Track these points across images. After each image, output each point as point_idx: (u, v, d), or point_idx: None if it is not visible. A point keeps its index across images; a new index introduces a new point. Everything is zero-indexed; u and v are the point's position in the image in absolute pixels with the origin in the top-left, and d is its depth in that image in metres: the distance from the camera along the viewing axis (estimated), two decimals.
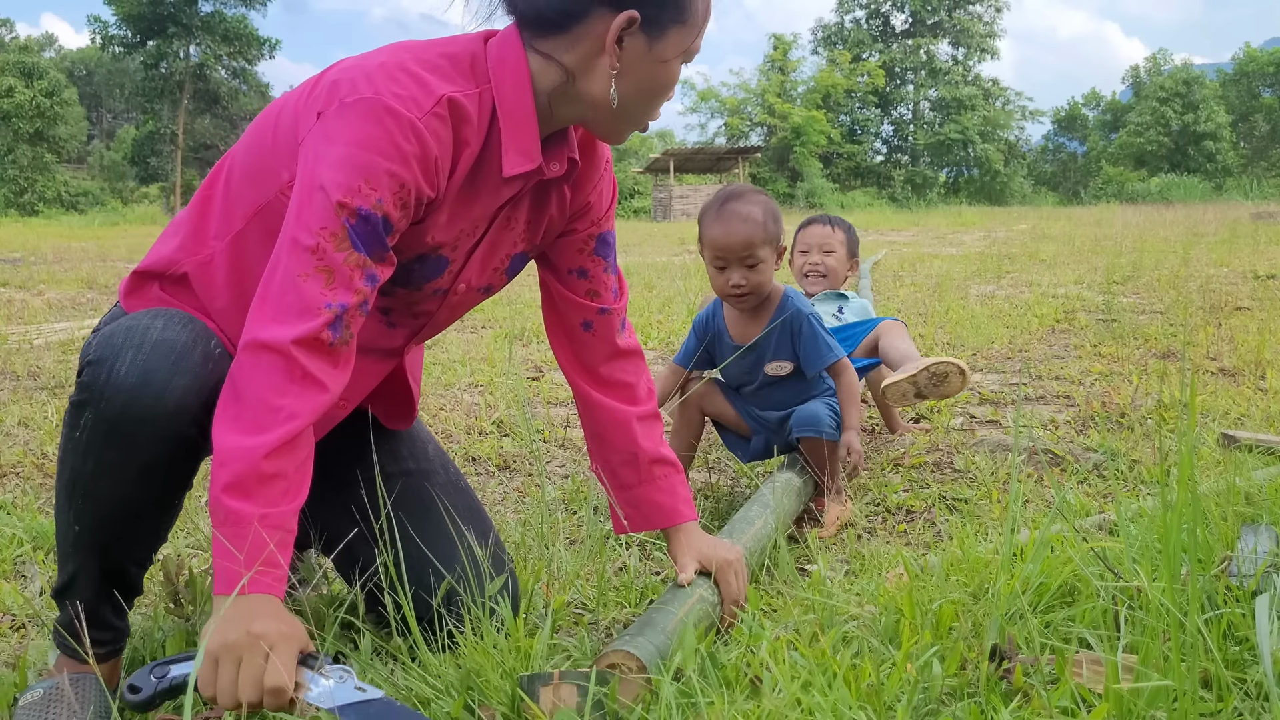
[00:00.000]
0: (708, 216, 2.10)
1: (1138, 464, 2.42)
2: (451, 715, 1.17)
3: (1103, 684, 1.05)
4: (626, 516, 1.53)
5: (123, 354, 1.15)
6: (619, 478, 1.53)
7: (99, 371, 1.15)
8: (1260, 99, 48.26)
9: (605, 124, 1.28)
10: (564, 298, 1.47)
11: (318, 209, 1.12)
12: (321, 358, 1.12)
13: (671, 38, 1.22)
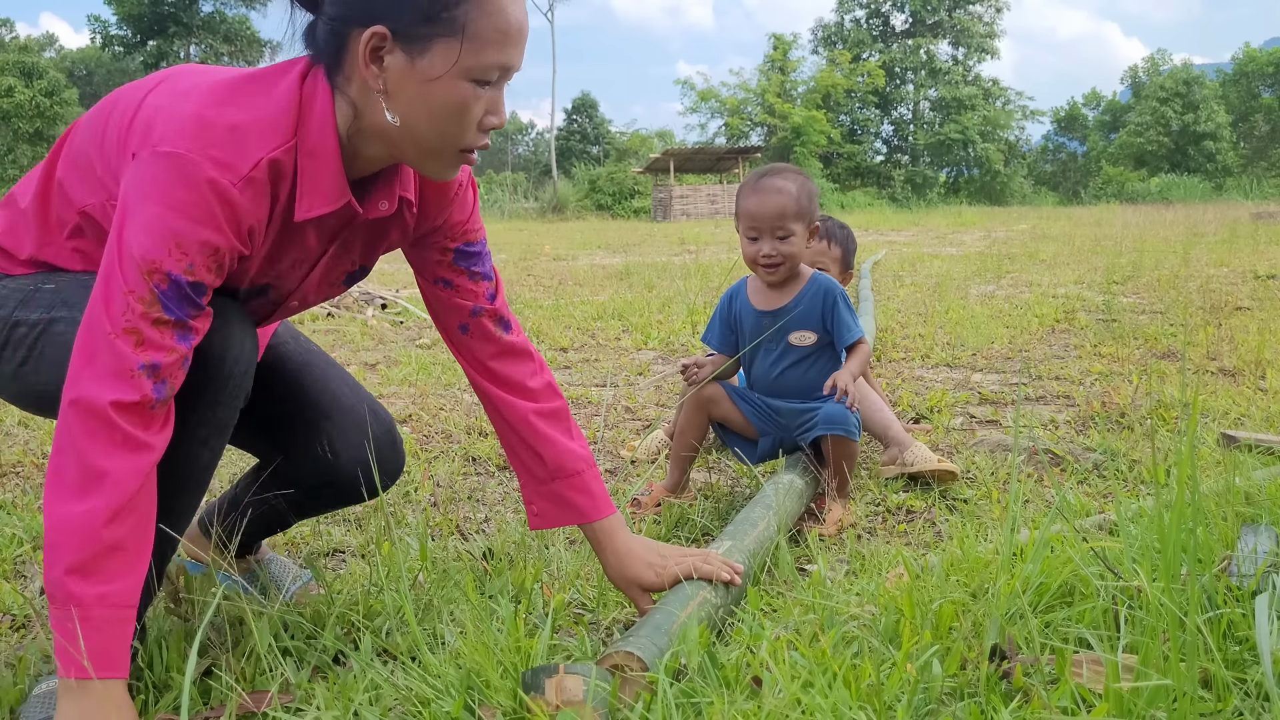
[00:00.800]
0: (745, 189, 2.15)
1: (1138, 464, 2.42)
2: (451, 715, 1.17)
3: (1103, 684, 1.05)
4: (540, 512, 1.53)
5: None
6: (530, 472, 1.52)
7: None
8: (1260, 99, 48.25)
9: (411, 157, 1.23)
10: (435, 300, 1.47)
11: (128, 272, 1.10)
12: (142, 419, 1.10)
13: (437, 52, 1.13)
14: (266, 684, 1.30)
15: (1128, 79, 53.88)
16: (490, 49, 1.15)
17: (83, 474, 1.07)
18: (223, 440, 1.26)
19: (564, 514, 1.51)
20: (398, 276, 8.62)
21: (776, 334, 2.19)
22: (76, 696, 1.06)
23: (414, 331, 5.31)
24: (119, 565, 1.08)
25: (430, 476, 2.45)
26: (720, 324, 2.28)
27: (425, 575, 1.67)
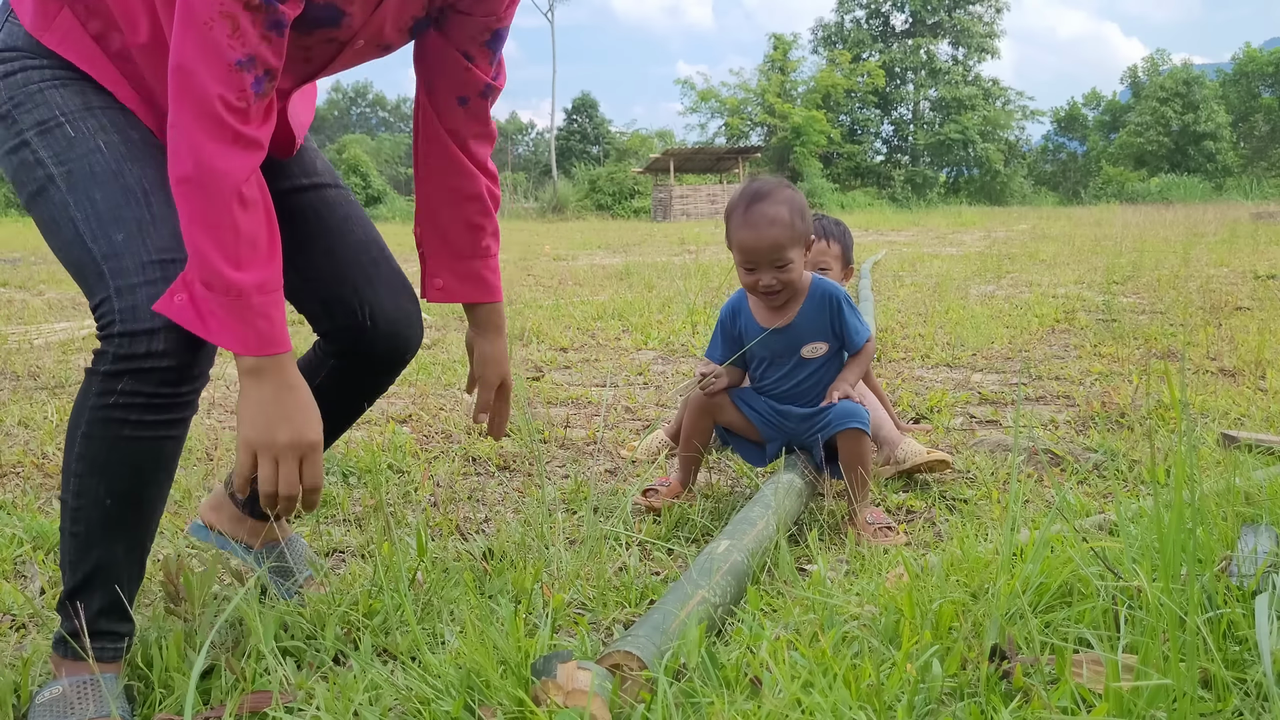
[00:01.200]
0: (735, 218, 2.08)
1: (1138, 464, 2.42)
2: (451, 715, 1.17)
3: (1103, 684, 1.05)
4: (445, 287, 1.57)
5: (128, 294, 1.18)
6: (453, 246, 1.57)
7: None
8: (1260, 99, 48.25)
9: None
10: (445, 69, 1.49)
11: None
12: (245, 116, 1.15)
13: None
14: (266, 684, 1.30)
15: (1127, 79, 53.87)
16: None
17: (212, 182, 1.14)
18: None
19: (475, 291, 1.58)
20: None
21: (788, 350, 2.17)
22: (258, 375, 1.18)
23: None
24: (261, 255, 1.17)
25: (430, 476, 2.45)
26: (724, 342, 2.24)
27: (425, 575, 1.67)
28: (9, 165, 1.27)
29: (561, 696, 1.13)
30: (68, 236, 1.21)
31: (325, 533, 2.03)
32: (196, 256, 1.14)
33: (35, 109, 1.24)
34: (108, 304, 1.17)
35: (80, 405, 1.21)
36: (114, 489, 1.21)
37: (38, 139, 1.24)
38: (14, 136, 1.25)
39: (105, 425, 1.19)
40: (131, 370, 1.16)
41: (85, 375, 1.21)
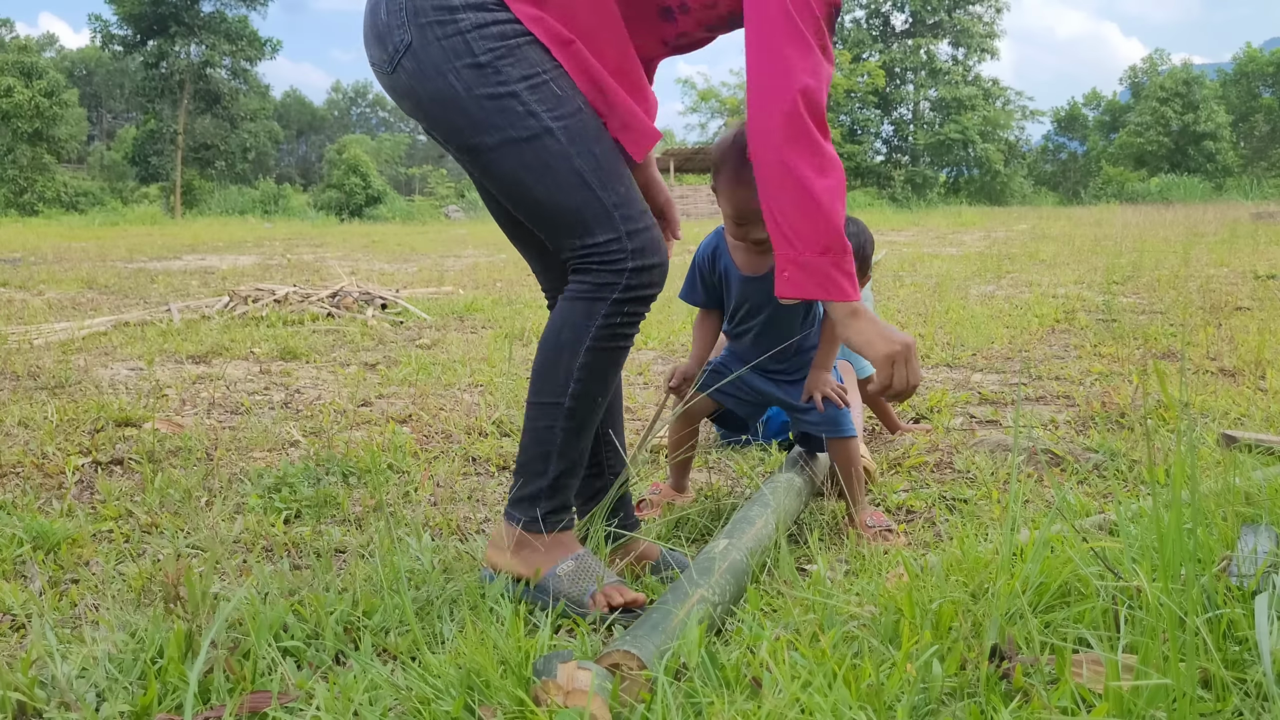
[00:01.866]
0: (726, 170, 1.95)
1: (1138, 464, 2.42)
2: (451, 715, 1.17)
3: (1103, 684, 1.05)
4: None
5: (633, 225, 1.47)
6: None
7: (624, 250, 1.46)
8: (1260, 99, 48.24)
9: None
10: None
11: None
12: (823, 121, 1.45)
13: None
14: (266, 684, 1.30)
15: (1127, 79, 53.86)
16: None
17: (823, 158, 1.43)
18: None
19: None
20: (398, 276, 8.63)
21: (768, 297, 2.06)
22: (854, 313, 1.51)
23: (414, 331, 5.31)
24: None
25: (430, 476, 2.45)
26: (702, 284, 2.18)
27: (425, 575, 1.67)
28: (485, 109, 1.41)
29: (561, 696, 1.13)
30: (570, 182, 1.43)
31: (325, 533, 2.03)
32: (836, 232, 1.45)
33: (519, 63, 1.40)
34: (619, 242, 1.44)
35: (583, 325, 1.49)
36: (605, 389, 1.54)
37: (528, 92, 1.40)
38: (499, 85, 1.40)
39: (612, 339, 1.50)
40: (638, 297, 1.48)
41: (582, 301, 1.48)
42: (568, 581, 1.52)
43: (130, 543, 1.98)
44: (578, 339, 1.49)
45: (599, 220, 1.45)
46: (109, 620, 1.53)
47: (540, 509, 1.55)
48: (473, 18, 1.41)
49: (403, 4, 1.44)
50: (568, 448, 1.54)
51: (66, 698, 1.24)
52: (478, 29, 1.40)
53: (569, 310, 1.50)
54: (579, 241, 1.47)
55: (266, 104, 42.86)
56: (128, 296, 7.12)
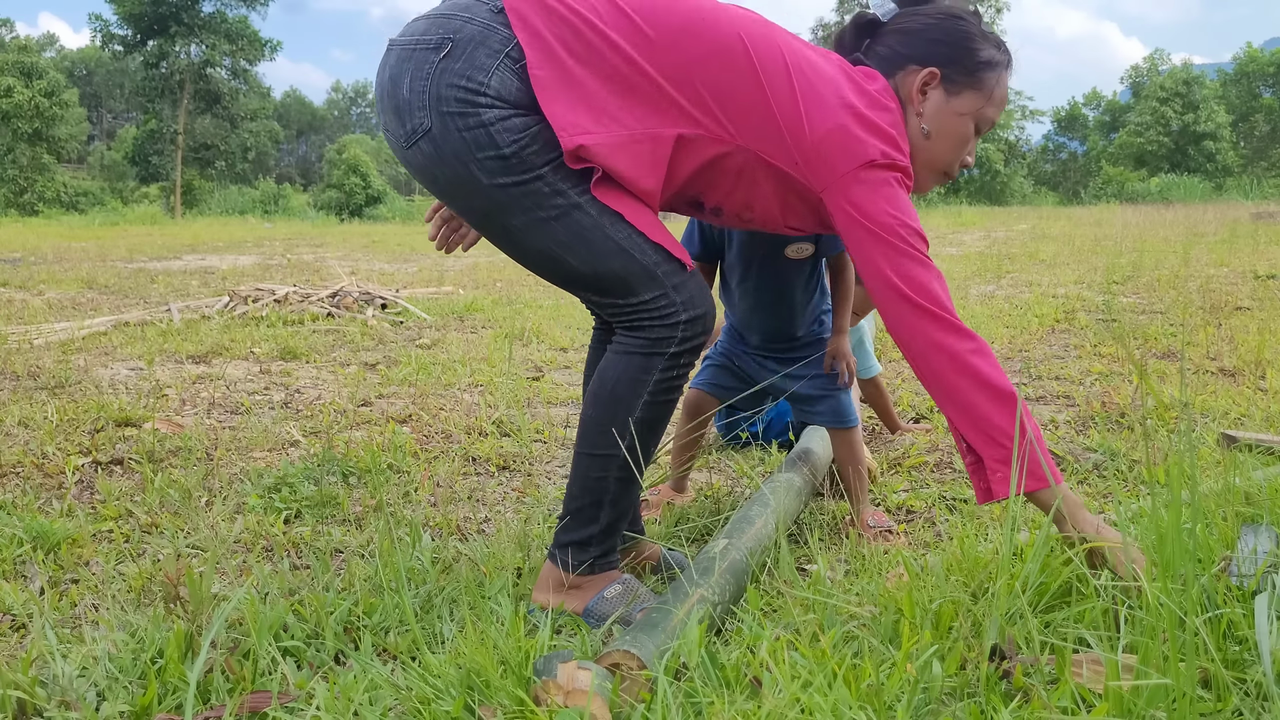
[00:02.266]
0: None
1: (1138, 464, 2.42)
2: (451, 715, 1.17)
3: (1103, 684, 1.05)
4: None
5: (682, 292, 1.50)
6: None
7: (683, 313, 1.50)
8: (1260, 99, 48.24)
9: (918, 165, 1.61)
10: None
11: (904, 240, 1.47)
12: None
13: (966, 99, 1.60)
14: (266, 684, 1.30)
15: (1128, 79, 53.87)
16: (992, 109, 1.63)
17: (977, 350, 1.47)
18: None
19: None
20: (398, 276, 8.63)
21: (772, 250, 2.06)
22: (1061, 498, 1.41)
23: (414, 331, 5.31)
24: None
25: (430, 476, 2.45)
26: (700, 237, 2.12)
27: (425, 575, 1.67)
28: (511, 194, 1.45)
29: (562, 696, 1.13)
30: (607, 249, 1.46)
31: (325, 533, 2.03)
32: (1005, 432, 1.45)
33: (542, 149, 1.43)
34: (666, 298, 1.48)
35: (640, 380, 1.50)
36: (658, 440, 1.57)
37: (552, 173, 1.44)
38: (524, 173, 1.43)
39: (669, 392, 1.51)
40: (691, 348, 1.50)
41: (638, 356, 1.50)
42: (617, 602, 1.53)
43: (130, 543, 1.98)
44: (635, 394, 1.50)
45: (643, 281, 1.47)
46: (109, 620, 1.53)
47: (592, 553, 1.56)
48: (496, 113, 1.41)
49: (426, 87, 1.42)
50: (620, 498, 1.55)
51: (67, 697, 1.24)
52: (501, 121, 1.41)
53: (623, 365, 1.51)
54: (623, 302, 1.49)
55: (266, 104, 42.84)
56: (128, 296, 7.12)
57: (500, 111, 1.41)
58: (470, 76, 1.40)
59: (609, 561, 1.57)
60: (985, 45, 1.61)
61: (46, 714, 1.23)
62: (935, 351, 1.46)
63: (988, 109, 1.62)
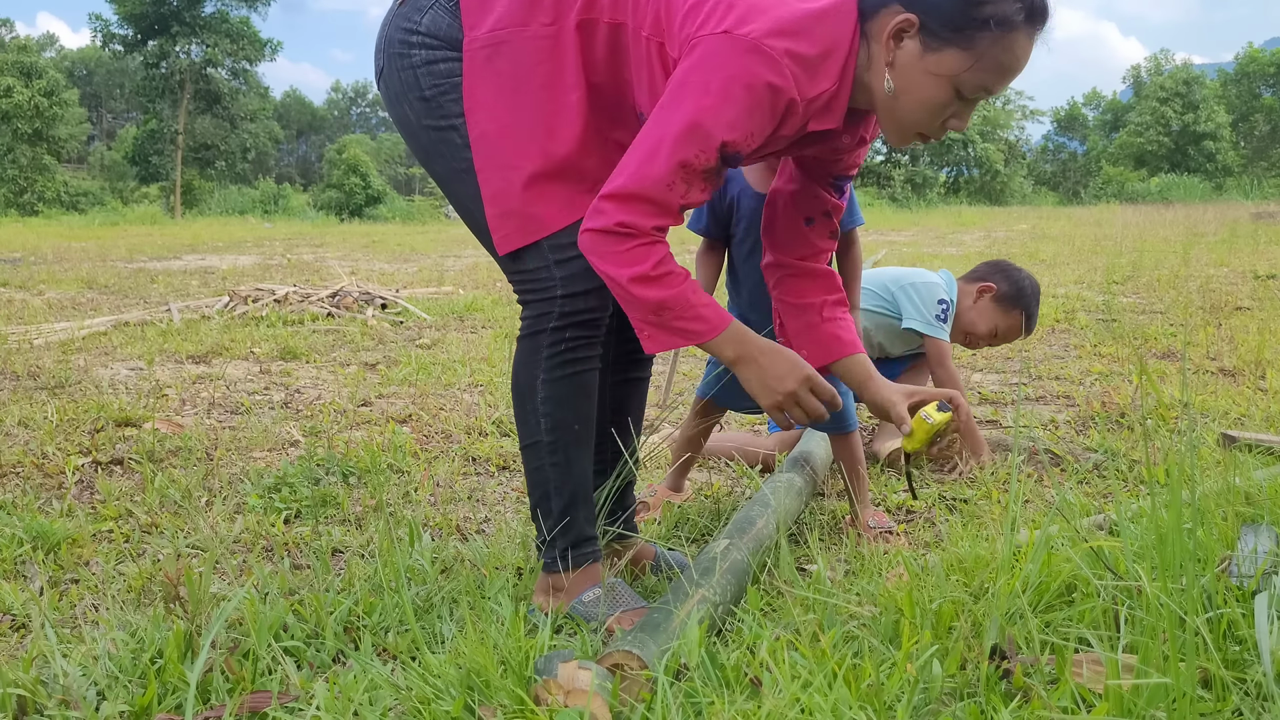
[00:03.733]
0: None
1: (1138, 464, 2.42)
2: (451, 715, 1.17)
3: (1103, 684, 1.05)
4: (809, 355, 1.67)
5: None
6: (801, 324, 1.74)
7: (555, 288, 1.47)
8: (1261, 99, 48.24)
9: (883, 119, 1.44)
10: (799, 194, 1.69)
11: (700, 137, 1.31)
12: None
13: (947, 57, 1.34)
14: (266, 684, 1.30)
15: (1129, 79, 53.86)
16: (986, 75, 1.35)
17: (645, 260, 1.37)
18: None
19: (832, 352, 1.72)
20: (398, 276, 8.63)
21: None
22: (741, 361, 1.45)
23: (414, 331, 5.31)
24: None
25: (430, 476, 2.45)
26: (709, 212, 2.11)
27: (425, 575, 1.67)
28: (432, 139, 1.49)
29: (562, 695, 1.13)
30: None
31: (325, 533, 2.03)
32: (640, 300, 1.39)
33: (459, 100, 1.46)
34: (546, 271, 1.46)
35: (532, 361, 1.51)
36: (579, 415, 1.53)
37: (466, 127, 1.45)
38: (440, 119, 1.47)
39: (564, 367, 1.50)
40: (576, 322, 1.48)
41: (527, 338, 1.51)
42: (594, 606, 1.51)
43: (130, 543, 1.98)
44: (532, 376, 1.52)
45: (529, 249, 1.47)
46: (109, 620, 1.53)
47: (557, 549, 1.54)
48: (423, 55, 1.47)
49: (384, 33, 1.52)
50: (562, 483, 1.54)
51: (67, 696, 1.25)
52: (426, 65, 1.47)
53: (519, 351, 1.54)
54: (512, 269, 1.51)
55: (266, 104, 42.82)
56: (128, 296, 7.12)
57: (429, 54, 1.46)
58: (409, 18, 1.48)
59: (584, 554, 1.55)
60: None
61: (47, 713, 1.23)
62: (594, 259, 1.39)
63: (978, 74, 1.34)
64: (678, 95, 1.33)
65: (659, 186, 1.33)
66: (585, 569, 1.55)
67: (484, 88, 1.45)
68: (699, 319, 1.40)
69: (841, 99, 1.39)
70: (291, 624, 1.47)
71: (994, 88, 1.38)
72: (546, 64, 1.44)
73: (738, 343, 1.44)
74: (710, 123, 1.31)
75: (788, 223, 1.70)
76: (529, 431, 1.54)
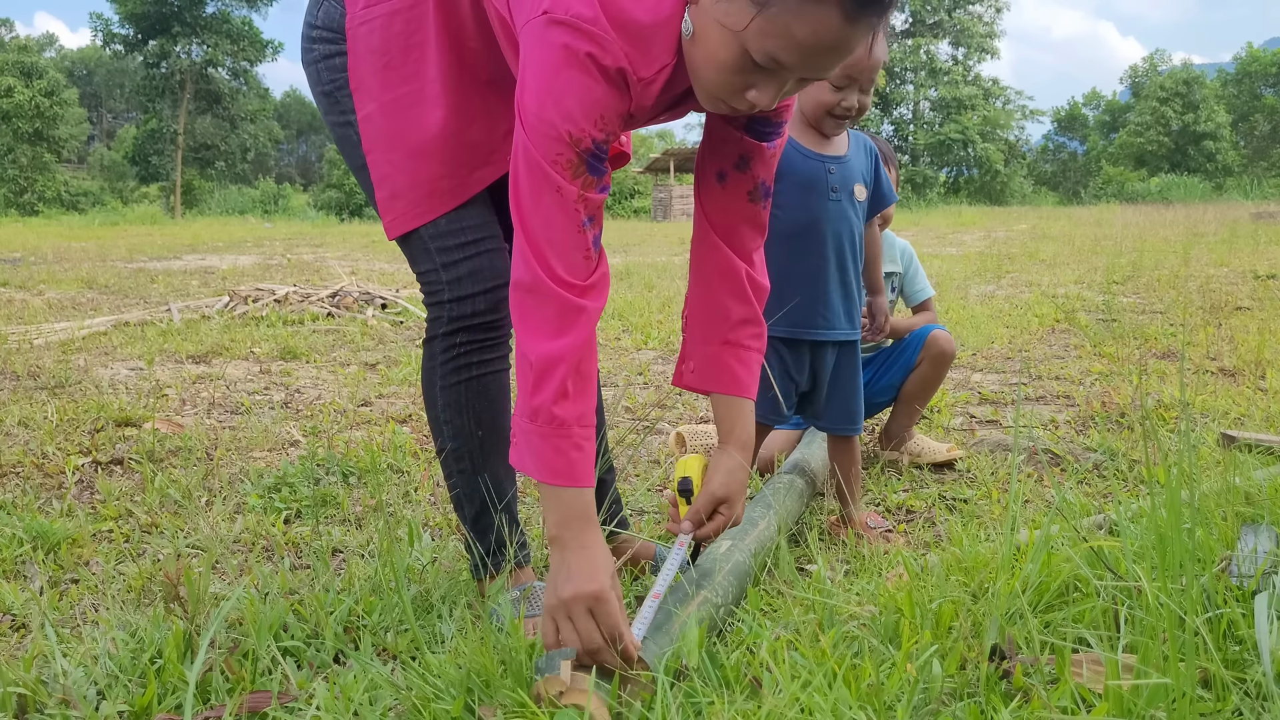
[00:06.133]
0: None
1: (1138, 464, 2.42)
2: (451, 715, 1.17)
3: (1103, 684, 1.05)
4: (694, 369, 1.50)
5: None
6: (704, 328, 1.49)
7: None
8: (1261, 99, 48.23)
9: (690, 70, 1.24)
10: (716, 140, 1.45)
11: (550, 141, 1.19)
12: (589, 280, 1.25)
13: (736, 9, 1.13)
14: (266, 684, 1.30)
15: (1128, 79, 53.85)
16: (772, 41, 1.12)
17: (557, 318, 1.23)
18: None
19: (718, 380, 1.48)
20: (398, 276, 8.63)
21: (844, 184, 1.94)
22: (561, 501, 1.24)
23: (414, 331, 5.31)
24: (588, 389, 1.26)
25: (430, 476, 2.45)
26: None
27: (426, 575, 1.67)
28: (336, 134, 1.50)
29: (562, 692, 1.13)
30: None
31: (325, 533, 2.03)
32: (523, 394, 1.26)
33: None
34: (435, 274, 1.45)
35: (430, 369, 1.49)
36: (480, 421, 1.49)
37: (362, 124, 1.44)
38: (339, 114, 1.47)
39: (459, 372, 1.47)
40: (467, 326, 1.45)
41: (425, 345, 1.50)
42: (510, 609, 1.46)
43: (130, 543, 1.98)
44: (431, 384, 1.51)
45: (420, 251, 1.46)
46: (109, 620, 1.53)
47: (475, 555, 1.55)
48: (321, 49, 1.47)
49: (302, 26, 1.53)
50: (471, 490, 1.52)
51: (67, 695, 1.25)
52: (325, 59, 1.47)
53: (423, 355, 1.52)
54: (413, 270, 1.50)
55: (267, 104, 42.84)
56: (128, 296, 7.12)
57: (325, 48, 1.47)
58: (311, 12, 1.49)
59: (503, 560, 1.54)
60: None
61: (47, 712, 1.23)
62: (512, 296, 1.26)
63: (766, 38, 1.12)
64: (515, 104, 1.23)
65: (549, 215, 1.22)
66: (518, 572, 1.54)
67: (363, 68, 1.43)
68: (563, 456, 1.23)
69: (677, 81, 1.27)
70: (291, 624, 1.47)
71: (786, 61, 1.14)
72: (413, 35, 1.40)
73: (571, 517, 1.24)
74: (549, 115, 1.19)
75: (702, 178, 1.47)
76: (436, 438, 1.53)
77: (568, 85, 1.18)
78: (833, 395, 2.06)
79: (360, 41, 1.42)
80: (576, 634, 1.21)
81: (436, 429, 1.52)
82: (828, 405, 2.06)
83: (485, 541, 1.54)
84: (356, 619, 1.51)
